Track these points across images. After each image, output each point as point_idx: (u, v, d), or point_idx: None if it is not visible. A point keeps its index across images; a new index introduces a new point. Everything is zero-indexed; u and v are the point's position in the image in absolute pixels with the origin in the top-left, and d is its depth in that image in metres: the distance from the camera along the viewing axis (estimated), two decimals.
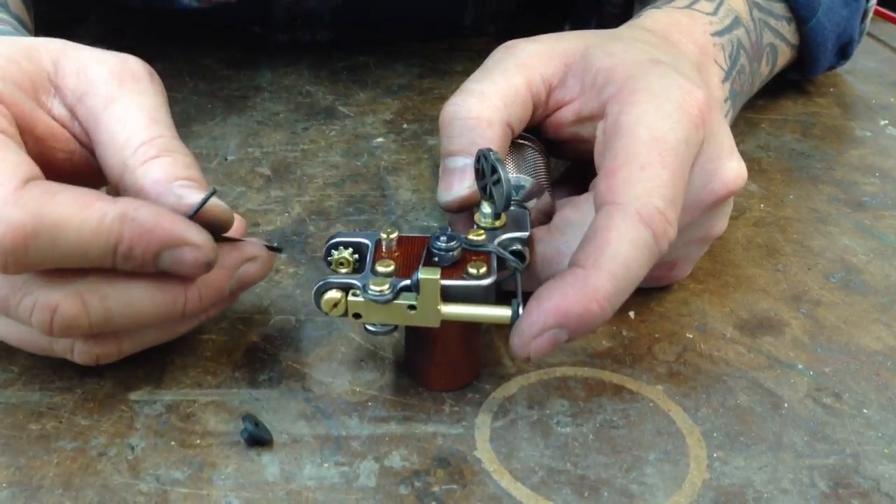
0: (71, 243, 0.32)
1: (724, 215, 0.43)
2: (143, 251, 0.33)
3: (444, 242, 0.36)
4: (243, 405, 0.38)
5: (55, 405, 0.37)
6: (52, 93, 0.37)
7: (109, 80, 0.37)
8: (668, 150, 0.37)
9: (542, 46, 0.44)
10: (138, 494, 0.34)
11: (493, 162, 0.37)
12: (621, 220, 0.35)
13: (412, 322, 0.36)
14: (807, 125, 0.63)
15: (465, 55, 0.72)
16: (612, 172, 0.37)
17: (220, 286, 0.37)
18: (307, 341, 0.41)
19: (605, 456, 0.36)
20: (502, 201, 0.37)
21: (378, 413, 0.38)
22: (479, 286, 0.36)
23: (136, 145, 0.35)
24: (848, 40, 0.63)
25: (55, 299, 0.33)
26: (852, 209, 0.53)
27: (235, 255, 0.37)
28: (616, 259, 0.35)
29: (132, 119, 0.36)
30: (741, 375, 0.40)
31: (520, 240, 0.38)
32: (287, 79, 0.67)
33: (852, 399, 0.39)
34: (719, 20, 0.51)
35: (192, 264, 0.34)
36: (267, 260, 0.39)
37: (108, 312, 0.34)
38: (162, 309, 0.35)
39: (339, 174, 0.55)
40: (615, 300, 0.35)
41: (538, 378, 0.40)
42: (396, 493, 0.34)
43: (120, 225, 0.32)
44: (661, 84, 0.39)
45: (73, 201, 0.32)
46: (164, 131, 0.36)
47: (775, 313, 0.44)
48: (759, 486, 0.35)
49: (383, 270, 0.36)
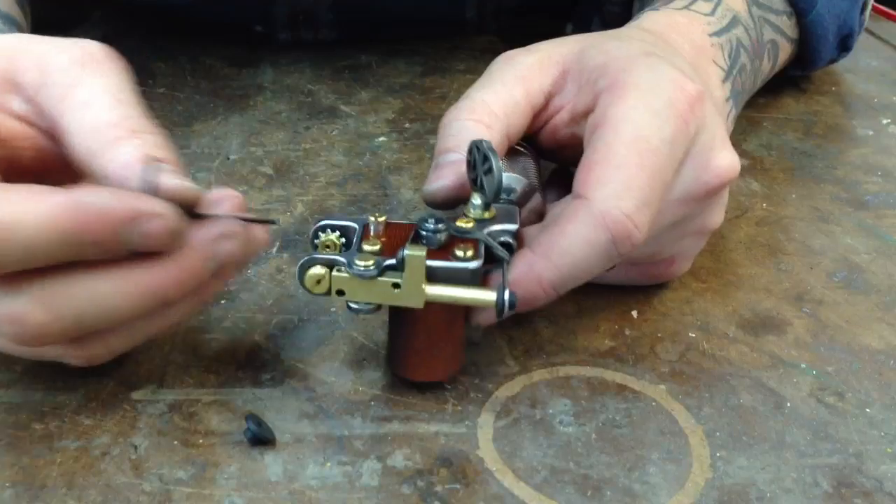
0: (27, 241, 0.31)
1: (720, 207, 0.43)
2: (103, 234, 0.31)
3: (433, 224, 0.37)
4: (246, 405, 0.38)
5: (58, 405, 0.37)
6: (11, 91, 0.36)
7: (69, 66, 0.36)
8: (649, 151, 0.37)
9: (540, 56, 0.44)
10: (141, 494, 0.34)
11: (486, 150, 0.37)
12: (583, 217, 0.36)
13: (396, 301, 0.36)
14: (809, 124, 0.63)
15: (468, 54, 0.72)
16: (589, 167, 0.38)
17: (195, 267, 0.34)
18: (310, 341, 0.41)
19: (608, 455, 0.36)
20: (493, 189, 0.37)
21: (381, 412, 0.38)
22: (466, 269, 0.36)
23: (101, 128, 0.34)
24: (848, 32, 0.63)
25: (20, 309, 0.32)
26: (855, 208, 0.53)
27: (204, 233, 0.34)
28: (565, 255, 0.36)
29: (96, 102, 0.35)
30: (744, 375, 0.40)
31: (508, 232, 0.38)
32: (289, 78, 0.67)
33: (855, 398, 0.39)
34: (717, 20, 0.51)
35: (159, 234, 0.32)
36: (244, 235, 0.35)
37: (79, 314, 0.32)
38: (136, 301, 0.33)
39: (341, 173, 0.55)
40: (560, 288, 0.37)
41: (541, 377, 0.40)
42: (399, 493, 0.34)
43: (74, 213, 0.31)
44: (652, 78, 0.40)
45: (23, 198, 0.31)
46: (131, 111, 0.35)
47: (778, 313, 0.44)
48: (761, 486, 0.35)
49: (369, 249, 0.36)
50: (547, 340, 0.42)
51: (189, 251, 0.34)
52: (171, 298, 0.34)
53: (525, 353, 0.41)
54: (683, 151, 0.39)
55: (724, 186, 0.41)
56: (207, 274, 0.35)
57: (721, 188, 0.41)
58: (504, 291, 0.35)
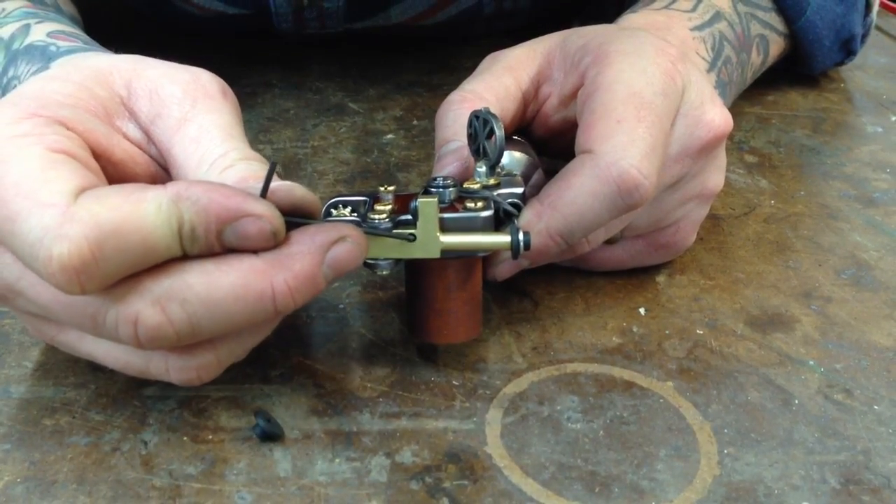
0: (137, 241, 0.30)
1: (717, 169, 0.44)
2: (204, 229, 0.31)
3: (441, 181, 0.38)
4: (255, 401, 0.38)
5: (69, 401, 0.38)
6: (127, 117, 0.36)
7: (182, 99, 0.36)
8: (644, 104, 0.39)
9: (525, 49, 0.45)
10: (151, 489, 0.34)
11: (485, 115, 0.38)
12: (589, 170, 0.38)
13: (412, 254, 0.36)
14: (817, 121, 0.63)
15: (475, 50, 0.72)
16: (590, 125, 0.39)
17: (311, 273, 0.32)
18: (318, 337, 0.41)
19: (616, 452, 0.36)
20: (496, 151, 0.38)
21: (389, 409, 0.38)
22: (479, 217, 0.37)
23: (210, 161, 0.34)
24: (849, 36, 0.63)
25: (134, 310, 0.31)
26: (863, 205, 0.53)
27: (322, 235, 0.33)
28: (571, 205, 0.38)
29: (206, 138, 0.35)
30: (752, 372, 0.40)
31: (515, 195, 0.39)
32: (297, 75, 0.67)
33: (863, 395, 0.39)
34: (698, 16, 0.51)
35: (258, 235, 0.32)
36: (360, 239, 0.34)
37: (192, 317, 0.31)
38: (248, 307, 0.32)
39: (349, 170, 0.55)
40: (566, 239, 0.38)
41: (549, 374, 0.40)
42: (407, 489, 0.34)
43: (177, 207, 0.31)
44: (633, 43, 0.41)
45: (126, 200, 0.31)
46: (240, 144, 0.35)
47: (786, 309, 0.44)
48: (769, 483, 0.35)
49: (381, 209, 0.37)
50: (555, 337, 0.42)
51: (306, 256, 0.32)
52: (282, 305, 0.32)
53: (533, 349, 0.41)
54: (675, 106, 0.40)
55: (717, 141, 0.42)
56: (323, 282, 0.33)
57: (715, 143, 0.42)
58: (518, 233, 0.36)
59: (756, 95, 0.64)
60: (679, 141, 0.41)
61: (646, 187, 0.37)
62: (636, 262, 0.45)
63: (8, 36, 0.45)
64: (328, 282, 0.33)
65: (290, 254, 0.32)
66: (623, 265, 0.45)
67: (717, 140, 0.42)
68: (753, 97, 0.64)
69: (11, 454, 0.35)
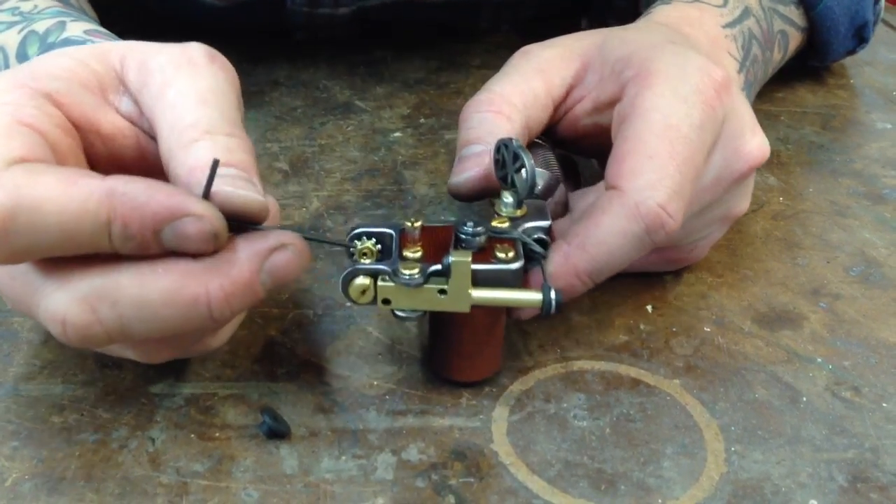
0: (55, 224, 0.30)
1: (746, 194, 0.43)
2: (139, 228, 0.30)
3: (471, 228, 0.36)
4: (262, 398, 0.38)
5: (77, 398, 0.38)
6: (121, 91, 0.36)
7: (166, 67, 0.35)
8: (679, 139, 0.37)
9: (560, 50, 0.44)
10: (158, 486, 0.34)
11: (515, 149, 0.37)
12: (618, 209, 0.37)
13: (442, 307, 0.36)
14: (826, 117, 0.63)
15: (483, 48, 0.72)
16: (622, 158, 0.38)
17: (247, 280, 0.32)
18: (325, 335, 0.42)
19: (622, 450, 0.36)
20: (526, 187, 0.37)
21: (395, 406, 0.38)
22: (509, 269, 0.36)
23: (179, 129, 0.33)
24: (863, 22, 0.63)
25: (62, 307, 0.31)
26: (872, 202, 0.53)
27: (262, 243, 0.32)
28: (601, 245, 0.37)
29: (181, 103, 0.34)
30: (759, 369, 0.40)
31: (542, 228, 0.38)
32: (304, 74, 0.67)
33: (871, 393, 0.39)
34: (729, 12, 0.51)
35: (198, 236, 0.31)
36: (301, 248, 0.33)
37: (122, 319, 0.31)
38: (181, 311, 0.31)
39: (356, 169, 0.55)
40: (594, 279, 0.38)
41: (555, 372, 0.40)
42: (413, 486, 0.34)
43: (109, 201, 0.30)
44: (678, 65, 0.40)
45: (58, 180, 0.30)
46: (212, 112, 0.34)
47: (794, 307, 0.44)
48: (776, 480, 0.35)
49: (411, 256, 0.36)
50: (561, 335, 0.42)
51: (244, 263, 0.32)
52: (218, 312, 0.31)
53: (539, 347, 0.41)
54: (713, 138, 0.39)
55: (752, 171, 0.41)
56: (261, 290, 0.32)
57: (749, 173, 0.41)
58: (550, 291, 0.35)
59: (764, 92, 0.64)
60: (715, 171, 0.40)
61: (671, 226, 0.37)
62: (645, 269, 0.45)
63: (43, 31, 0.45)
64: (266, 290, 0.32)
65: (227, 259, 0.32)
66: (631, 269, 0.45)
67: (753, 170, 0.41)
68: (762, 94, 0.64)
69: (20, 451, 0.35)
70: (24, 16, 0.46)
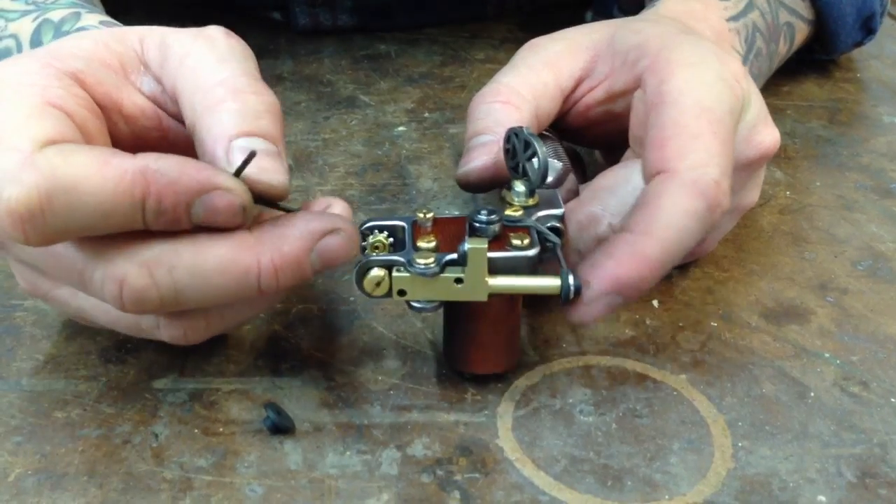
0: (91, 204, 0.30)
1: (757, 186, 0.43)
2: (172, 203, 0.31)
3: (486, 216, 0.36)
4: (266, 393, 0.38)
5: (80, 393, 0.38)
6: (142, 71, 0.36)
7: (184, 40, 0.36)
8: (716, 121, 0.37)
9: (569, 43, 0.44)
10: (162, 482, 0.34)
11: (527, 137, 0.37)
12: (676, 189, 0.36)
13: (459, 297, 0.35)
14: (833, 111, 0.62)
15: (487, 42, 0.72)
16: (663, 143, 0.37)
17: (297, 258, 0.32)
18: (329, 330, 0.41)
19: (629, 445, 0.36)
20: (538, 176, 0.37)
21: (400, 401, 0.38)
22: (525, 256, 0.36)
23: (205, 88, 0.34)
24: (870, 14, 0.62)
25: (121, 271, 0.31)
26: (880, 196, 0.52)
27: (317, 223, 0.33)
28: (669, 227, 0.35)
29: (202, 65, 0.35)
30: (766, 364, 0.40)
31: (555, 216, 0.38)
32: (308, 68, 0.67)
33: (880, 388, 0.39)
34: (733, 5, 0.51)
35: (227, 209, 0.32)
36: (351, 234, 0.34)
37: (178, 285, 0.32)
38: (233, 281, 0.32)
39: (360, 163, 0.55)
40: (666, 266, 0.36)
41: (561, 367, 0.40)
42: (418, 482, 0.34)
43: (143, 179, 0.30)
44: (697, 53, 0.40)
45: (91, 160, 0.30)
46: (235, 67, 0.35)
47: (801, 301, 0.44)
48: (784, 476, 0.34)
49: (426, 246, 0.36)
50: (567, 330, 0.42)
51: (295, 241, 0.33)
52: (266, 285, 0.32)
53: (545, 342, 0.41)
54: (737, 124, 0.39)
55: (763, 161, 0.41)
56: (309, 269, 0.33)
57: (760, 162, 0.41)
58: (568, 276, 0.35)
59: (771, 86, 0.63)
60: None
61: (725, 204, 0.36)
62: None
63: (58, 19, 0.45)
64: (315, 271, 0.33)
65: (281, 234, 0.33)
66: None
67: (764, 160, 0.41)
68: (768, 87, 0.63)
69: (23, 446, 0.35)
70: (39, 5, 0.46)
